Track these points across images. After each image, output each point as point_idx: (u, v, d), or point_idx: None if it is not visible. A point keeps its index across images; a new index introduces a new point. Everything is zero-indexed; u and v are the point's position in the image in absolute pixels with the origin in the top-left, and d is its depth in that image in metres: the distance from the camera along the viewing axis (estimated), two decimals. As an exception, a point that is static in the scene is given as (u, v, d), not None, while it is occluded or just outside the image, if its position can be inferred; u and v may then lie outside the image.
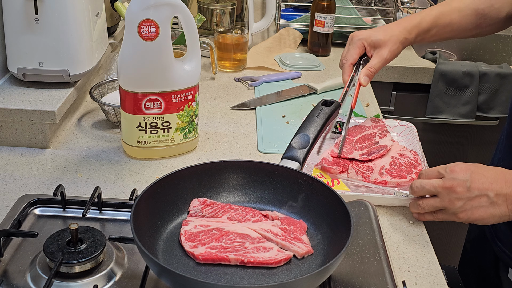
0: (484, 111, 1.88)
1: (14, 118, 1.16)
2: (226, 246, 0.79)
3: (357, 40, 1.19)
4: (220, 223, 0.83)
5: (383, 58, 1.17)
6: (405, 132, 1.24)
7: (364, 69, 1.18)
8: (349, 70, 1.20)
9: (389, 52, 1.17)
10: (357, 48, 1.19)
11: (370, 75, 1.18)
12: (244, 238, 0.81)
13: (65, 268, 0.78)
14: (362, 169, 1.10)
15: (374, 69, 1.17)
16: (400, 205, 1.04)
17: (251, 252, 0.78)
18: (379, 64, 1.17)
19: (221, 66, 1.63)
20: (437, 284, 0.87)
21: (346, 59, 1.20)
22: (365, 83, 1.17)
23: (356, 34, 1.20)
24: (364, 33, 1.19)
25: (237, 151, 1.21)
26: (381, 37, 1.17)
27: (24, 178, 1.08)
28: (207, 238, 0.80)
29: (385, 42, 1.17)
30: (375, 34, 1.18)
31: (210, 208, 0.86)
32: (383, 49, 1.17)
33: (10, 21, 1.19)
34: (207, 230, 0.81)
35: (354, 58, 1.20)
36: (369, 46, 1.19)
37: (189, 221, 0.84)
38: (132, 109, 1.10)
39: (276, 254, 0.79)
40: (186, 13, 1.08)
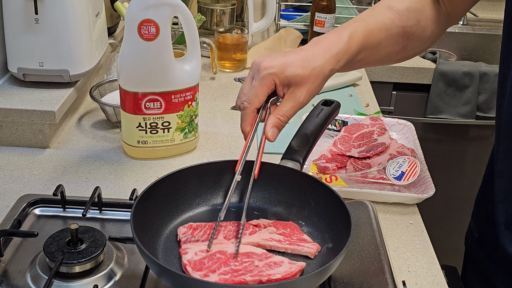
0: (484, 111, 1.88)
1: (14, 118, 1.16)
2: (237, 269, 0.75)
3: (266, 74, 0.85)
4: (219, 245, 0.79)
5: (299, 102, 0.87)
6: (404, 130, 1.24)
7: (272, 116, 0.86)
8: (252, 117, 0.87)
9: (307, 92, 0.86)
10: (265, 87, 0.85)
11: (280, 126, 0.86)
12: (251, 257, 0.78)
13: (65, 268, 0.78)
14: (360, 165, 1.11)
15: (286, 118, 0.86)
16: (397, 201, 1.04)
17: (265, 270, 0.75)
18: (292, 110, 0.87)
19: (221, 66, 1.63)
20: (437, 284, 0.87)
21: (250, 102, 0.86)
22: (273, 137, 0.86)
23: (264, 64, 0.85)
24: (275, 65, 0.85)
25: (237, 151, 1.21)
26: (299, 71, 0.85)
27: (24, 178, 1.08)
28: (214, 264, 0.76)
29: (303, 79, 0.85)
30: (291, 67, 0.85)
31: (200, 231, 0.82)
32: (300, 89, 0.86)
33: (10, 21, 1.19)
34: (210, 255, 0.77)
35: (260, 101, 0.86)
36: (282, 84, 0.86)
37: (186, 249, 0.78)
38: (132, 109, 1.10)
39: (290, 268, 0.76)
40: (186, 13, 1.08)
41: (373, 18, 0.94)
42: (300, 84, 0.86)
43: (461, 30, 2.25)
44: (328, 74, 0.88)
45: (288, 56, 0.86)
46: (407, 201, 1.04)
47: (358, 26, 0.91)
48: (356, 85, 1.59)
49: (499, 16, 2.38)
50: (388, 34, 0.94)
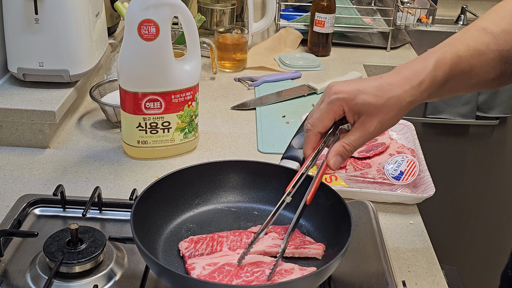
0: (484, 111, 1.88)
1: (14, 118, 1.16)
2: (249, 280, 0.74)
3: (334, 99, 0.79)
4: (226, 257, 0.78)
5: (368, 132, 0.79)
6: (403, 130, 1.24)
7: (337, 144, 0.80)
8: (314, 140, 0.81)
9: (378, 123, 0.79)
10: (332, 112, 0.80)
11: (345, 155, 0.80)
12: (260, 266, 0.77)
13: (65, 268, 0.78)
14: (360, 165, 1.11)
15: (352, 147, 0.80)
16: (397, 201, 1.04)
17: (278, 279, 0.75)
18: (361, 140, 0.80)
19: (221, 66, 1.63)
20: (437, 284, 0.87)
21: (313, 124, 0.81)
22: (335, 166, 0.80)
23: (335, 88, 0.80)
24: (346, 90, 0.79)
25: (237, 151, 1.21)
26: (371, 99, 0.78)
27: (24, 178, 1.08)
28: (225, 277, 0.75)
29: (375, 109, 0.78)
30: (362, 95, 0.78)
31: (202, 244, 0.81)
32: (371, 119, 0.79)
33: (10, 21, 1.19)
34: (219, 268, 0.76)
35: (325, 126, 0.81)
36: (351, 111, 0.79)
37: (193, 264, 0.77)
38: (132, 109, 1.10)
39: (302, 273, 0.76)
40: (186, 13, 1.08)
41: (463, 42, 0.83)
42: (371, 114, 0.79)
43: (461, 30, 2.24)
44: (407, 106, 0.79)
45: (363, 83, 0.80)
46: (407, 201, 1.04)
47: (446, 52, 0.81)
48: (356, 85, 1.59)
49: (499, 16, 2.37)
50: (482, 60, 0.83)
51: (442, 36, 2.23)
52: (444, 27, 2.25)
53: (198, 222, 0.87)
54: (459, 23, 2.29)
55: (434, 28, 2.20)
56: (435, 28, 2.21)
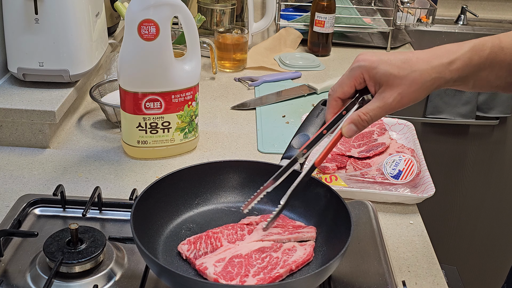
0: (484, 111, 1.88)
1: (14, 118, 1.16)
2: (263, 266, 0.76)
3: (356, 66, 0.80)
4: (229, 250, 0.79)
5: (386, 103, 0.77)
6: (403, 130, 1.24)
7: (354, 113, 0.79)
8: (334, 105, 0.82)
9: (398, 95, 0.76)
10: (352, 78, 0.80)
11: (360, 125, 0.79)
12: (265, 251, 0.79)
13: (65, 268, 0.78)
14: (360, 165, 1.11)
15: (368, 117, 0.78)
16: (397, 201, 1.04)
17: (288, 259, 0.77)
18: (378, 111, 0.78)
19: (221, 66, 1.63)
20: (437, 284, 0.87)
21: (334, 89, 0.82)
22: (348, 134, 0.79)
23: (360, 57, 0.80)
24: (370, 59, 0.78)
25: (237, 151, 1.21)
26: (393, 70, 0.76)
27: (24, 178, 1.08)
28: (241, 269, 0.76)
29: (396, 80, 0.76)
30: (385, 65, 0.77)
31: (201, 243, 0.81)
32: (391, 89, 0.77)
33: (10, 21, 1.19)
34: (229, 262, 0.77)
35: (344, 92, 0.81)
36: (371, 80, 0.78)
37: (203, 263, 0.77)
38: (132, 109, 1.10)
39: (305, 249, 0.79)
40: (186, 13, 1.08)
41: (510, 37, 0.80)
42: (391, 85, 0.77)
43: (461, 30, 2.25)
44: (432, 82, 0.76)
45: (391, 55, 0.78)
46: (407, 201, 1.04)
47: (487, 40, 0.79)
48: (356, 85, 1.59)
49: (499, 16, 2.38)
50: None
51: (442, 36, 2.23)
52: (444, 27, 2.25)
53: (198, 222, 0.87)
54: (459, 23, 2.29)
55: (434, 28, 2.20)
56: (435, 28, 2.21)
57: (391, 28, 1.88)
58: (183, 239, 0.83)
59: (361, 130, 0.80)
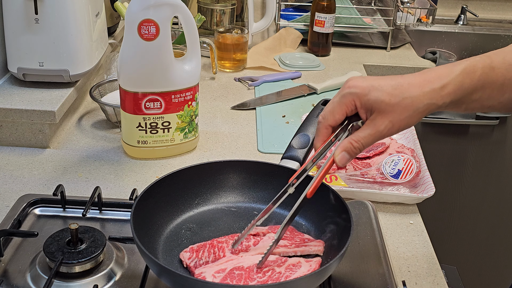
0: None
1: (14, 118, 1.16)
2: (263, 280, 0.75)
3: (347, 93, 0.77)
4: (231, 262, 0.78)
5: (378, 131, 0.76)
6: (403, 130, 1.24)
7: (345, 141, 0.77)
8: (325, 133, 0.79)
9: (390, 122, 0.76)
10: (343, 106, 0.78)
11: (352, 152, 0.77)
12: (268, 265, 0.77)
13: (65, 268, 0.78)
14: (360, 165, 1.11)
15: (360, 144, 0.77)
16: (397, 201, 1.04)
17: (290, 275, 0.75)
18: (370, 138, 0.77)
19: (221, 66, 1.63)
20: (437, 284, 0.87)
21: (324, 117, 0.79)
22: (341, 163, 0.78)
23: (350, 82, 0.78)
24: (360, 85, 0.76)
25: (237, 151, 1.21)
26: (384, 97, 0.75)
27: (24, 178, 1.08)
28: (240, 281, 0.75)
29: (387, 107, 0.75)
30: (376, 92, 0.75)
31: (204, 252, 0.80)
32: (382, 117, 0.76)
33: (10, 21, 1.19)
34: (229, 273, 0.76)
35: (336, 119, 0.78)
36: (363, 107, 0.77)
37: (201, 273, 0.76)
38: (132, 109, 1.10)
39: (310, 265, 0.77)
40: (186, 13, 1.08)
41: (500, 56, 0.79)
42: (383, 112, 0.75)
43: (461, 30, 2.25)
44: (424, 109, 0.75)
45: (381, 80, 0.77)
46: (407, 201, 1.04)
47: (478, 61, 0.77)
48: (356, 85, 1.59)
49: (499, 16, 2.38)
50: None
51: (442, 36, 2.23)
52: (444, 27, 2.25)
53: (198, 222, 0.87)
54: (459, 23, 2.29)
55: (434, 28, 2.20)
56: (435, 28, 2.21)
57: (391, 28, 1.88)
58: (183, 239, 0.83)
59: (354, 157, 0.78)
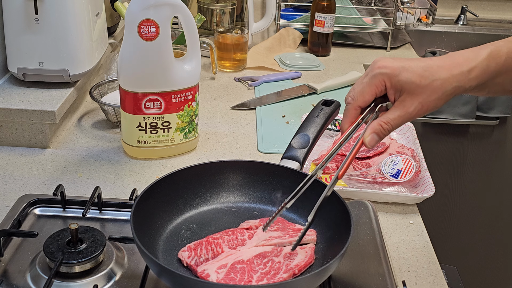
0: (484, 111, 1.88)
1: (14, 118, 1.16)
2: (266, 271, 0.76)
3: (377, 73, 0.77)
4: (231, 256, 0.79)
5: (407, 112, 0.77)
6: (404, 130, 1.24)
7: (375, 122, 0.78)
8: (353, 114, 0.80)
9: (419, 104, 0.76)
10: (373, 86, 0.78)
11: (382, 134, 0.78)
12: (267, 256, 0.79)
13: (65, 268, 0.78)
14: (360, 165, 1.11)
15: (390, 126, 0.77)
16: (397, 201, 1.04)
17: (290, 263, 0.77)
18: (399, 120, 0.77)
19: (221, 66, 1.63)
20: (437, 284, 0.87)
21: (354, 98, 0.79)
22: (371, 144, 0.78)
23: (380, 63, 0.78)
24: (391, 66, 0.77)
25: (237, 151, 1.21)
26: (415, 78, 0.75)
27: (24, 178, 1.08)
28: (243, 275, 0.75)
29: (417, 88, 0.76)
30: (407, 72, 0.76)
31: (202, 249, 0.80)
32: (412, 98, 0.76)
33: (10, 21, 1.19)
34: (231, 268, 0.76)
35: (365, 100, 0.79)
36: (393, 88, 0.77)
37: (204, 271, 0.76)
38: (132, 109, 1.10)
39: (306, 252, 0.79)
40: (186, 13, 1.08)
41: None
42: (413, 93, 0.76)
43: (461, 30, 2.25)
44: (452, 91, 0.76)
45: (411, 61, 0.77)
46: (407, 201, 1.04)
47: (502, 46, 0.79)
48: (356, 85, 1.59)
49: (499, 16, 2.38)
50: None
51: (442, 36, 2.23)
52: (444, 27, 2.25)
53: (198, 222, 0.87)
54: (459, 23, 2.29)
55: (434, 28, 2.20)
56: (435, 28, 2.21)
57: (391, 28, 1.88)
58: (183, 239, 0.83)
59: (382, 139, 0.79)
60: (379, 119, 0.78)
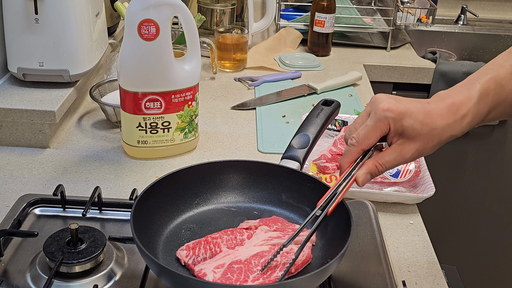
0: (484, 111, 1.88)
1: (14, 118, 1.16)
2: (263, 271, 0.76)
3: (383, 117, 0.76)
4: (228, 256, 0.79)
5: (403, 158, 0.77)
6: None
7: (370, 162, 0.78)
8: (356, 156, 0.79)
9: (416, 151, 0.77)
10: (379, 130, 0.77)
11: (375, 174, 0.78)
12: (264, 256, 0.79)
13: (65, 268, 0.78)
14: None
15: (384, 168, 0.78)
16: (397, 201, 1.04)
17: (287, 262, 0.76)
18: (394, 163, 0.78)
19: (221, 66, 1.63)
20: (437, 284, 0.87)
21: (359, 141, 0.78)
22: (363, 183, 0.78)
23: (384, 105, 0.76)
24: (395, 109, 0.76)
25: (237, 151, 1.21)
26: (417, 125, 0.75)
27: (24, 178, 1.08)
28: (240, 275, 0.75)
29: (418, 135, 0.76)
30: (410, 118, 0.75)
31: (200, 248, 0.80)
32: (410, 144, 0.77)
33: (10, 21, 1.19)
34: (228, 268, 0.76)
35: (370, 144, 0.78)
36: (394, 131, 0.77)
37: (201, 270, 0.76)
38: (132, 109, 1.10)
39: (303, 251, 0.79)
40: (186, 13, 1.08)
41: (506, 68, 0.79)
42: (412, 139, 0.76)
43: (461, 30, 2.25)
44: (446, 140, 0.78)
45: (411, 104, 0.77)
46: (407, 201, 1.04)
47: (491, 82, 0.77)
48: (356, 85, 1.59)
49: (499, 16, 2.38)
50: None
51: (442, 36, 2.23)
52: (444, 27, 2.25)
53: (198, 222, 0.87)
54: (459, 23, 2.29)
55: (434, 28, 2.20)
56: (435, 28, 2.21)
57: (391, 28, 1.88)
58: (183, 239, 0.83)
59: (374, 177, 0.79)
60: (375, 159, 0.78)
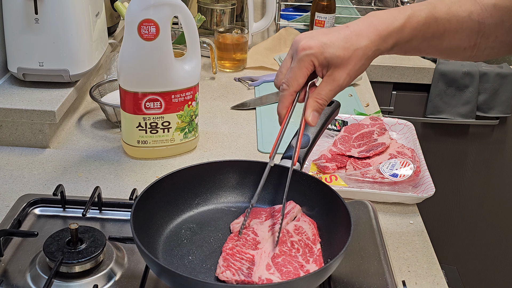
0: (484, 111, 1.88)
1: (14, 118, 1.16)
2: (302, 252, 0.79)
3: (304, 56, 0.79)
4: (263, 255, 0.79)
5: (338, 85, 0.80)
6: (403, 130, 1.24)
7: (310, 100, 0.81)
8: (291, 100, 0.82)
9: (347, 75, 0.80)
10: (304, 69, 0.80)
11: (320, 109, 0.82)
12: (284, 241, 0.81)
13: (65, 268, 0.78)
14: (360, 165, 1.11)
15: (325, 101, 0.81)
16: (397, 201, 1.04)
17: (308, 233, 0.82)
18: (332, 93, 0.81)
19: (221, 66, 1.63)
20: (437, 284, 0.87)
21: (288, 84, 0.81)
22: (314, 122, 0.82)
23: (302, 44, 0.80)
24: (314, 45, 0.79)
25: (237, 151, 1.21)
26: (339, 52, 0.78)
27: (24, 178, 1.08)
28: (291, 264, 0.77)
29: (343, 61, 0.79)
30: (330, 48, 0.79)
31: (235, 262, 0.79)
32: (340, 71, 0.79)
33: (10, 21, 1.19)
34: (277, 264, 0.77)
35: (300, 84, 0.81)
36: (321, 65, 0.80)
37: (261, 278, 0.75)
38: (132, 109, 1.10)
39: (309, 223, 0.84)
40: (186, 13, 1.08)
41: (446, 5, 0.82)
42: (340, 66, 0.79)
43: (461, 30, 2.24)
44: (373, 55, 0.81)
45: (330, 35, 0.80)
46: (407, 201, 1.04)
47: (423, 10, 0.81)
48: (356, 85, 1.59)
49: (499, 16, 2.37)
50: (458, 27, 0.83)
51: None
52: (444, 27, 2.25)
53: (198, 222, 0.87)
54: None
55: (434, 28, 2.19)
56: (435, 28, 2.20)
57: (391, 28, 1.88)
58: (183, 239, 0.83)
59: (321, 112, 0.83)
60: (313, 96, 0.81)
